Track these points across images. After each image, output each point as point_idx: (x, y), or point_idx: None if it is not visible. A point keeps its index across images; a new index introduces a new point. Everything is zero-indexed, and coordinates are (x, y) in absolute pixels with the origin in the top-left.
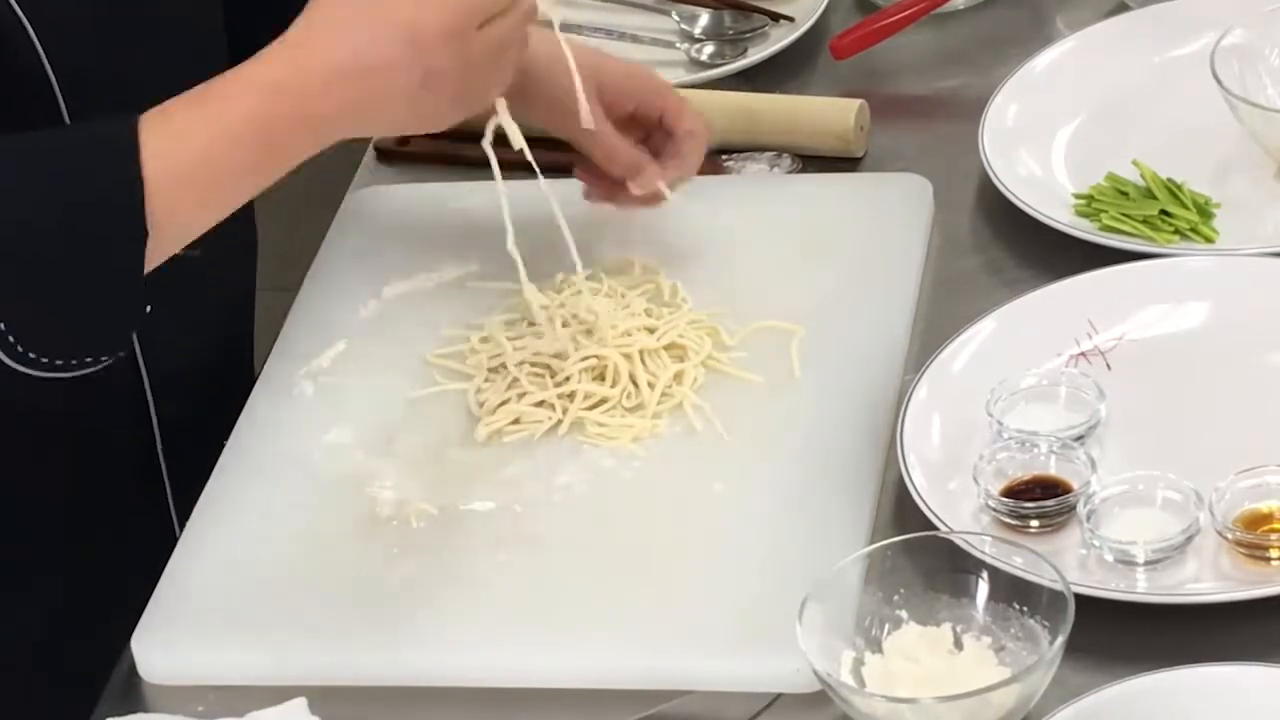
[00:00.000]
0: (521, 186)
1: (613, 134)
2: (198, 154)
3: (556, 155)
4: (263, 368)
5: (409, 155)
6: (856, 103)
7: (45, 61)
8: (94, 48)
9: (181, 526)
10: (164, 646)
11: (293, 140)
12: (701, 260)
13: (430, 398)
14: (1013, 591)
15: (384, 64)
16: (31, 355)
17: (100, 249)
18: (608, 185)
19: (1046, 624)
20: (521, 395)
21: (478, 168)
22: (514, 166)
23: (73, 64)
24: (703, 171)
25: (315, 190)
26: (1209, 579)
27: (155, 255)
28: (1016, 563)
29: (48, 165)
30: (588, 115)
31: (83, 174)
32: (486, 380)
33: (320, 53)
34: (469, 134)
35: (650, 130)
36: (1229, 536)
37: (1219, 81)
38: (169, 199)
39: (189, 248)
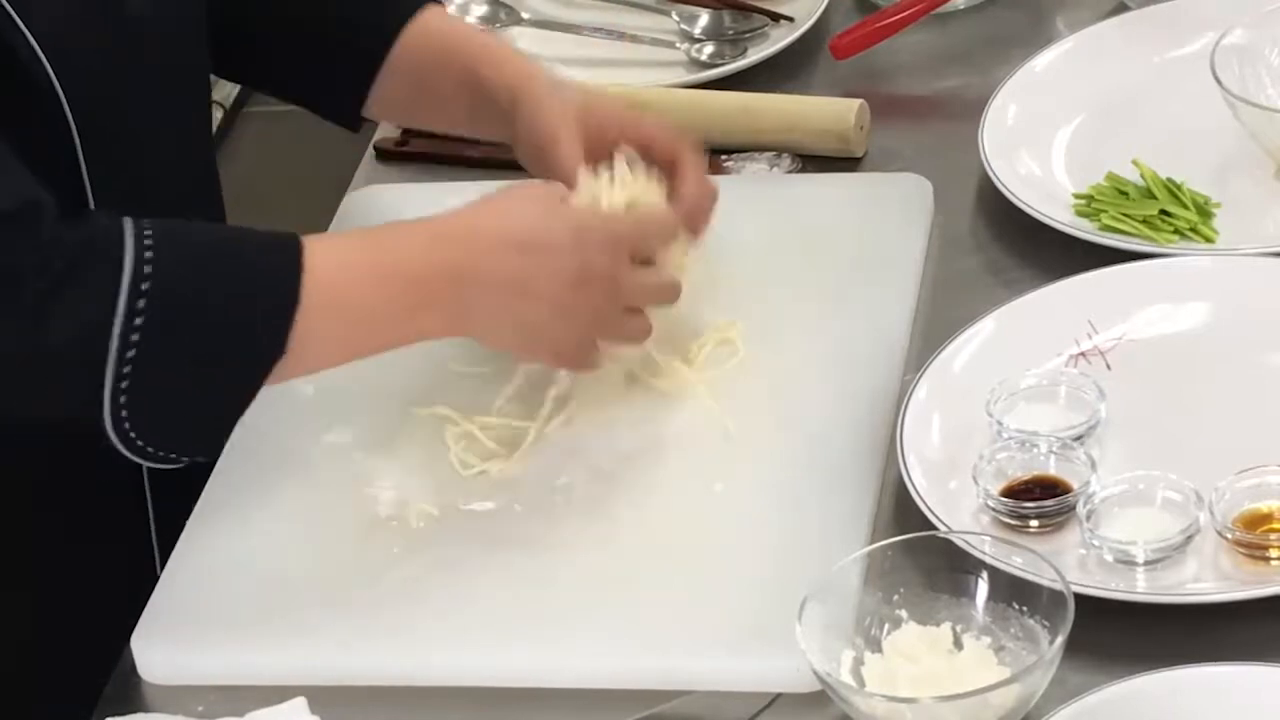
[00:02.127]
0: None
1: (574, 164)
2: (354, 284)
3: None
4: None
5: (409, 155)
6: (856, 103)
7: (56, 84)
8: (99, 65)
9: (159, 535)
10: (164, 646)
11: (444, 293)
12: (701, 260)
13: (430, 398)
14: (1012, 591)
15: (549, 243)
16: (139, 443)
17: (237, 356)
18: None
19: (1046, 624)
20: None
21: (478, 168)
22: (519, 167)
23: (82, 84)
24: None
25: (315, 190)
26: (1209, 579)
27: (278, 376)
28: (1016, 563)
29: (215, 264)
30: None
31: (246, 280)
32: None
33: (494, 218)
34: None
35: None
36: (1229, 536)
37: (1219, 81)
38: (313, 323)
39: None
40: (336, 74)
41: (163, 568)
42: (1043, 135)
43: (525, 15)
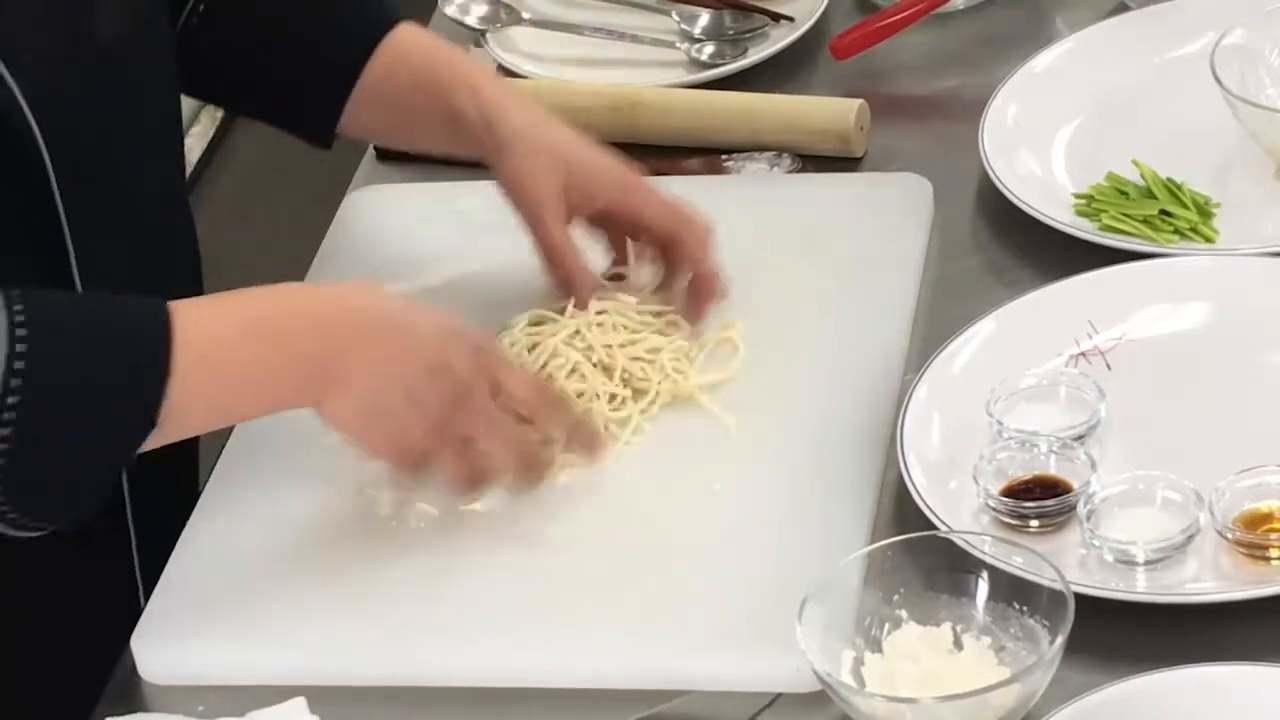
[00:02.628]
0: None
1: (563, 239)
2: (221, 350)
3: None
4: None
5: (409, 155)
6: (856, 103)
7: (29, 114)
8: (72, 92)
9: (140, 541)
10: (164, 646)
11: (305, 349)
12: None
13: None
14: (1013, 591)
15: (415, 327)
16: (11, 515)
17: (110, 431)
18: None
19: (1046, 624)
20: None
21: (478, 168)
22: None
23: (55, 113)
24: (703, 171)
25: (315, 190)
26: (1209, 579)
27: (149, 444)
28: (1016, 563)
29: (87, 339)
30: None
31: (117, 355)
32: None
33: (365, 295)
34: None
35: (629, 228)
36: (1229, 536)
37: (1219, 81)
38: (184, 393)
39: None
40: (308, 94)
41: (142, 572)
42: (1043, 135)
43: (525, 15)
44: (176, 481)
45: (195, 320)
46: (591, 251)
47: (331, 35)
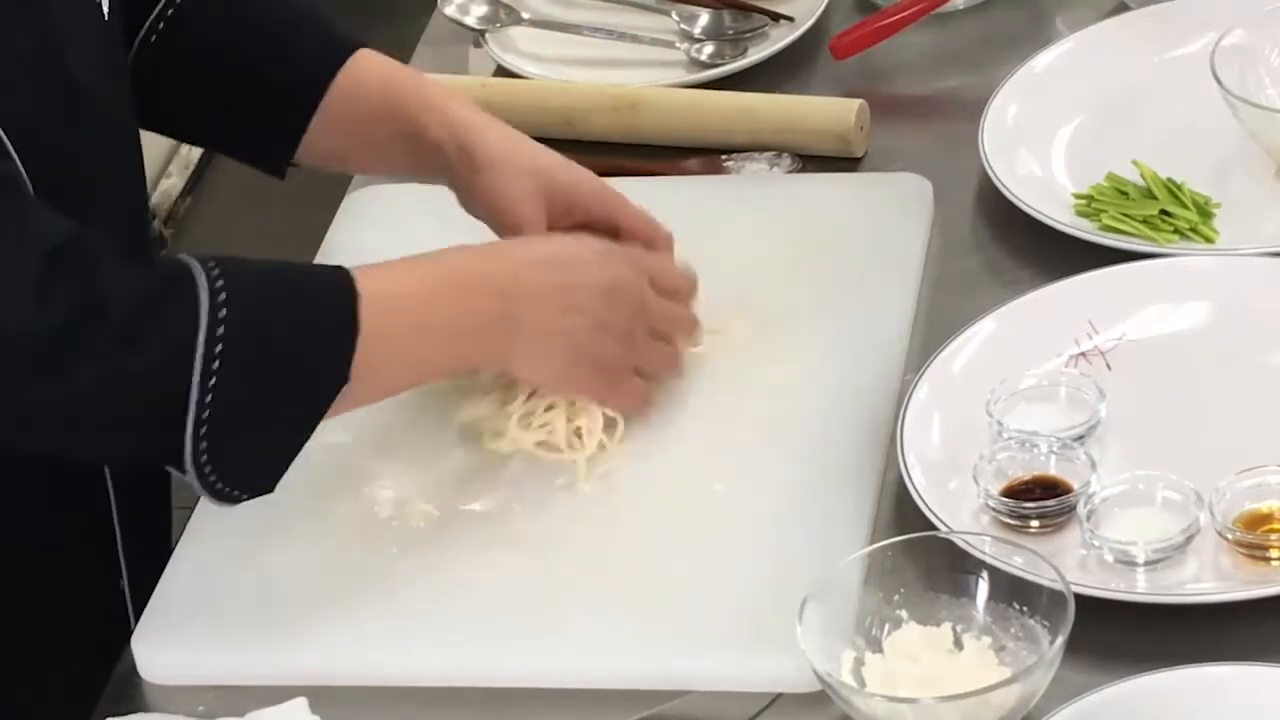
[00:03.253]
0: None
1: None
2: (405, 308)
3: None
4: None
5: None
6: (856, 103)
7: (12, 152)
8: (53, 140)
9: (126, 551)
10: (164, 646)
11: (490, 308)
12: (702, 260)
13: (430, 397)
14: (1013, 591)
15: (578, 257)
16: (212, 478)
17: (305, 388)
18: None
19: (1046, 624)
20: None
21: None
22: None
23: (36, 158)
24: (703, 171)
25: (315, 190)
26: (1209, 579)
27: (340, 406)
28: (1016, 563)
29: (278, 298)
30: None
31: (307, 311)
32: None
33: (522, 245)
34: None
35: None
36: (1229, 536)
37: (1219, 81)
38: (373, 349)
39: None
40: (265, 123)
41: (129, 572)
42: (1043, 135)
43: (525, 15)
44: (159, 491)
45: (378, 280)
46: None
47: (289, 63)
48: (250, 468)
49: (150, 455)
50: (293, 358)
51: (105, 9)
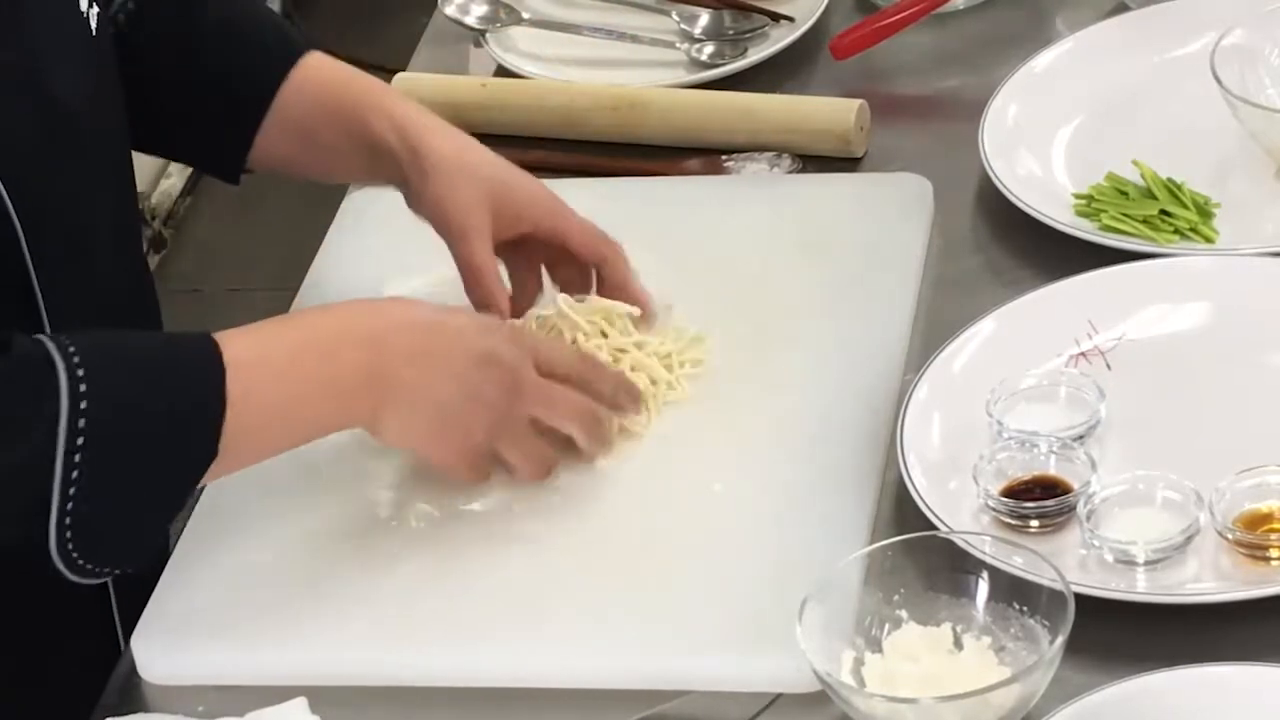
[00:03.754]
0: None
1: (485, 261)
2: (271, 374)
3: (568, 159)
4: None
5: None
6: (856, 103)
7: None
8: (39, 160)
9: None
10: (164, 646)
11: (359, 366)
12: (702, 260)
13: None
14: (1013, 591)
15: (455, 325)
16: (79, 561)
17: (173, 467)
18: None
19: (1046, 624)
20: None
21: None
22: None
23: (22, 177)
24: (703, 171)
25: (315, 190)
26: (1209, 579)
27: (207, 478)
28: (1016, 563)
29: (143, 376)
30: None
31: (173, 389)
32: None
33: (398, 306)
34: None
35: (553, 252)
36: (1229, 536)
37: (1219, 81)
38: (240, 421)
39: None
40: (217, 130)
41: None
42: (1043, 135)
43: (525, 15)
44: None
45: (245, 347)
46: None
47: (239, 68)
48: (118, 549)
49: (13, 542)
50: (160, 439)
51: (93, 26)
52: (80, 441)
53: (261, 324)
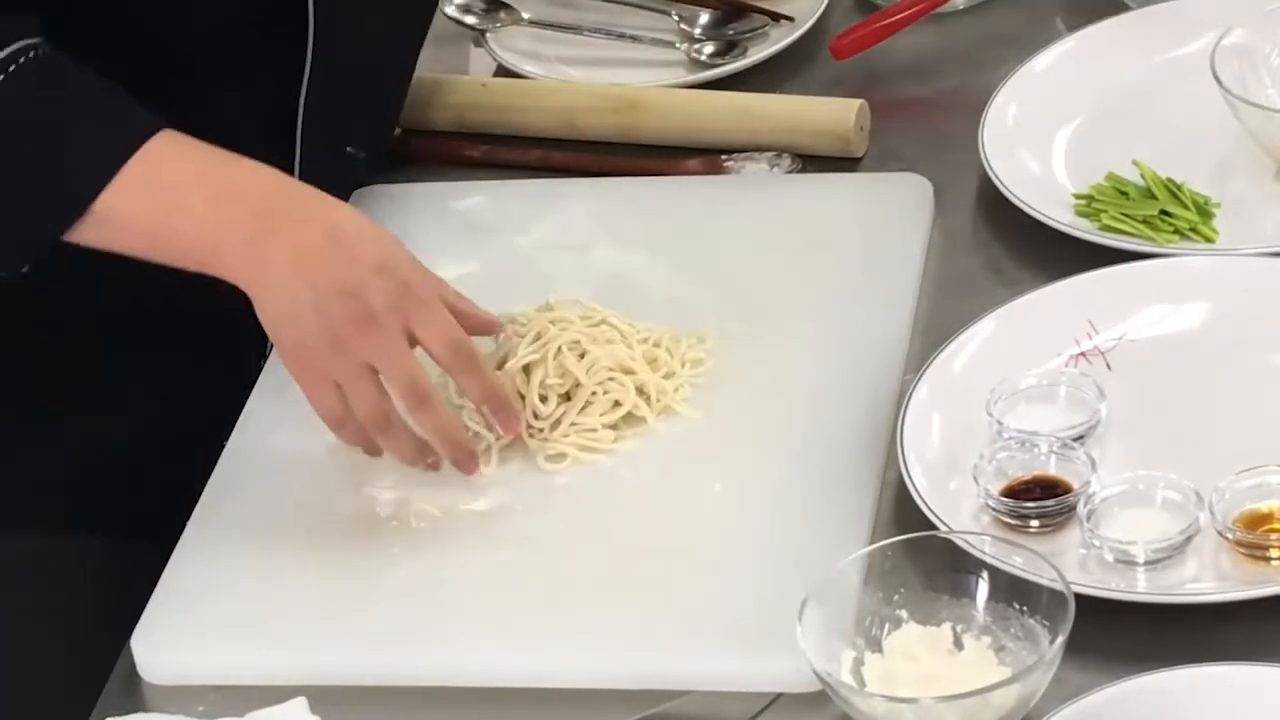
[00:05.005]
0: (525, 185)
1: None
2: (194, 164)
3: (568, 158)
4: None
5: (409, 155)
6: (856, 103)
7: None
8: None
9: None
10: (164, 646)
11: (249, 214)
12: (702, 260)
13: None
14: (1013, 591)
15: (369, 232)
16: None
17: (53, 181)
18: None
19: (1046, 624)
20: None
21: (478, 168)
22: (519, 167)
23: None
24: (702, 171)
25: None
26: (1209, 579)
27: (81, 232)
28: (1016, 563)
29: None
30: None
31: (98, 111)
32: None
33: (326, 201)
34: (470, 133)
35: None
36: (1229, 536)
37: (1219, 81)
38: (125, 195)
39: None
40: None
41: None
42: (1043, 135)
43: (525, 15)
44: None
45: (176, 146)
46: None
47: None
48: None
49: None
50: (51, 159)
51: None
52: None
53: (213, 150)
